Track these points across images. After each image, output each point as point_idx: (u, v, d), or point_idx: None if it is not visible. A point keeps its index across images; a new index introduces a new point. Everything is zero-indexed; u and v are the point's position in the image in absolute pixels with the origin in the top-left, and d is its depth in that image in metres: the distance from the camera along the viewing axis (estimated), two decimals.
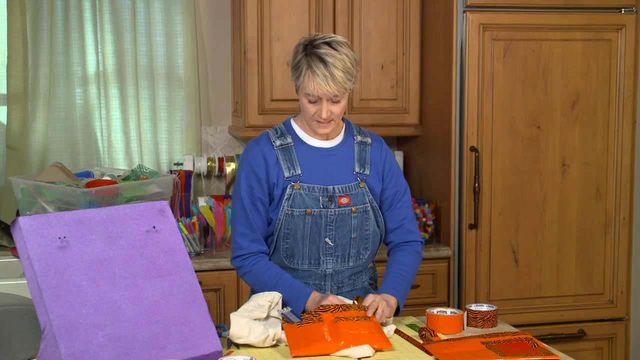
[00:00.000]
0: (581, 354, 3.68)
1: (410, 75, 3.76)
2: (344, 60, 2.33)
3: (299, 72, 2.36)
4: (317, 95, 2.34)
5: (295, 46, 2.42)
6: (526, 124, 3.55)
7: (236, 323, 2.20)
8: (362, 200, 2.48)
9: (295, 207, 2.43)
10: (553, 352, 2.19)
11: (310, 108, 2.38)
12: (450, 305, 3.61)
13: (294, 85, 2.42)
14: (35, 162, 3.73)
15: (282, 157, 2.45)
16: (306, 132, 2.49)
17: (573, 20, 3.55)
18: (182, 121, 3.90)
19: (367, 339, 2.18)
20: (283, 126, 2.52)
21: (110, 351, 1.86)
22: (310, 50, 2.34)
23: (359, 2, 3.68)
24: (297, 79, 2.38)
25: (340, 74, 2.31)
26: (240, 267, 2.49)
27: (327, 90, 2.32)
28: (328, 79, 2.30)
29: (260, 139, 2.51)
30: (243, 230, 2.47)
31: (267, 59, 3.60)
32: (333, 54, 2.32)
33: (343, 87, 2.34)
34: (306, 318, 2.28)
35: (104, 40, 3.79)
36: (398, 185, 2.57)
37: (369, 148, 2.53)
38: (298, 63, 2.36)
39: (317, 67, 2.31)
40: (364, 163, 2.51)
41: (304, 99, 2.38)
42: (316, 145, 2.48)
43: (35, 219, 1.92)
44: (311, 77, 2.32)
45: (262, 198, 2.46)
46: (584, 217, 3.65)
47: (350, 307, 2.32)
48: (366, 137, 2.55)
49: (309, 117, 2.41)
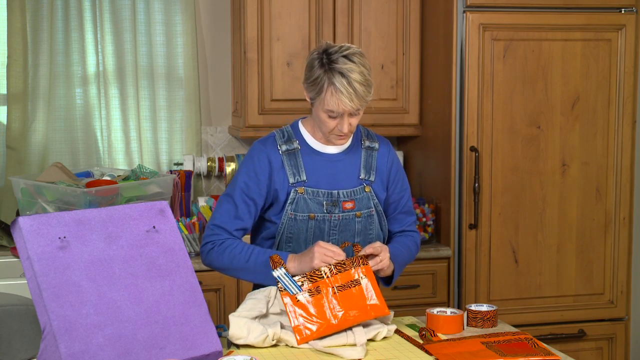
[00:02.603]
0: (581, 354, 3.68)
1: (410, 75, 3.76)
2: (363, 73, 2.28)
3: (319, 88, 2.29)
4: (339, 112, 2.29)
5: (309, 59, 2.34)
6: (526, 124, 3.55)
7: (235, 324, 2.20)
8: (366, 205, 2.45)
9: (298, 211, 2.39)
10: (553, 352, 2.19)
11: (331, 123, 2.33)
12: (450, 305, 3.61)
13: (310, 98, 2.36)
14: (35, 162, 3.73)
15: (288, 163, 2.41)
16: (315, 137, 2.44)
17: (573, 20, 3.55)
18: (182, 121, 3.90)
19: (366, 313, 2.24)
20: (290, 129, 2.47)
21: (110, 351, 1.86)
22: (328, 66, 2.27)
23: (359, 2, 3.68)
24: (317, 95, 2.30)
25: (362, 88, 2.27)
26: (209, 247, 2.38)
27: (351, 107, 2.28)
28: (352, 95, 2.25)
29: (266, 140, 2.45)
30: (225, 220, 2.39)
31: (267, 59, 3.60)
32: (352, 68, 2.26)
33: (364, 99, 2.29)
34: (304, 285, 2.24)
35: (104, 40, 3.79)
36: (403, 190, 2.56)
37: (376, 154, 2.50)
38: (317, 79, 2.29)
39: (340, 83, 2.25)
40: (370, 169, 2.48)
41: (324, 114, 2.32)
42: (323, 151, 2.45)
43: (35, 219, 1.92)
44: (334, 94, 2.26)
45: (255, 200, 2.40)
46: (584, 217, 3.65)
47: (345, 264, 2.27)
48: (374, 142, 2.51)
49: (328, 130, 2.36)
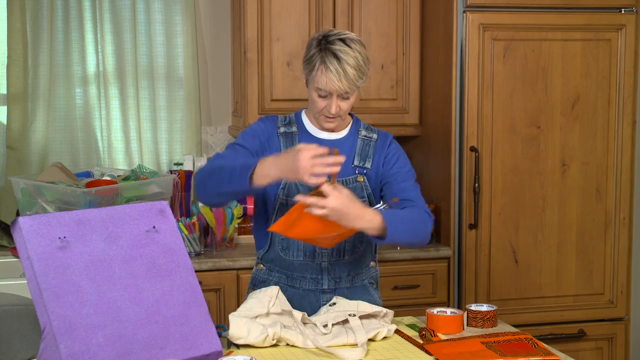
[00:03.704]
0: (581, 354, 3.68)
1: (410, 75, 3.76)
2: (356, 57, 2.34)
3: (312, 66, 2.36)
4: (328, 90, 2.35)
5: (309, 40, 2.42)
6: (526, 124, 3.55)
7: (235, 324, 2.20)
8: (359, 195, 2.46)
9: (290, 195, 2.43)
10: (553, 352, 2.19)
11: (320, 102, 2.39)
12: (450, 305, 3.61)
13: (305, 78, 2.43)
14: (35, 162, 3.73)
15: (284, 145, 2.47)
16: (313, 124, 2.51)
17: (573, 20, 3.55)
18: (182, 121, 3.90)
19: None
20: (293, 115, 2.55)
21: (110, 351, 1.86)
22: (324, 46, 2.35)
23: (359, 2, 3.68)
24: (310, 72, 2.38)
25: (353, 71, 2.32)
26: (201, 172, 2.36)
27: (339, 87, 2.33)
28: (341, 75, 2.31)
29: (267, 118, 2.54)
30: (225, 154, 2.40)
31: (267, 59, 3.60)
32: (347, 50, 2.33)
33: (354, 84, 2.35)
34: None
35: (104, 40, 3.79)
36: (400, 167, 2.50)
37: (373, 143, 2.53)
38: (311, 57, 2.37)
39: (331, 62, 2.32)
40: (366, 157, 2.50)
41: (314, 92, 2.39)
42: (319, 136, 2.49)
43: (35, 219, 1.92)
44: (324, 72, 2.33)
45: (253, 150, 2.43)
46: (584, 217, 3.65)
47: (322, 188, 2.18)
48: (372, 133, 2.55)
49: (318, 111, 2.42)
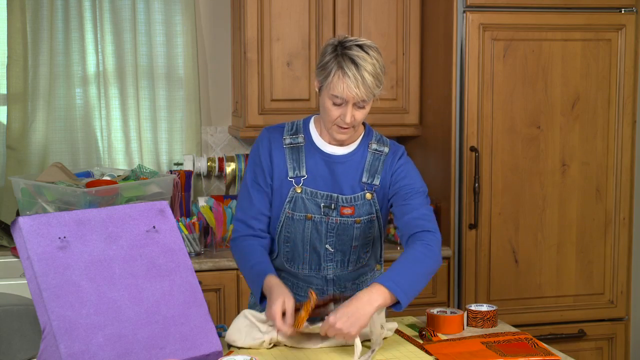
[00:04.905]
0: (581, 354, 3.67)
1: (410, 75, 3.76)
2: (374, 64, 2.24)
3: (327, 72, 2.25)
4: (344, 97, 2.24)
5: (324, 46, 2.32)
6: (526, 124, 3.55)
7: (234, 326, 2.21)
8: (368, 211, 2.40)
9: (296, 210, 2.38)
10: (553, 352, 2.19)
11: (334, 111, 2.28)
12: (450, 305, 3.61)
13: (317, 86, 2.33)
14: (35, 162, 3.73)
15: (290, 157, 2.39)
16: (321, 136, 2.41)
17: (573, 20, 3.55)
18: (182, 121, 3.90)
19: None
20: (301, 123, 2.44)
21: (110, 351, 1.86)
22: (340, 51, 2.24)
23: (359, 2, 3.68)
24: (325, 79, 2.26)
25: (371, 78, 2.23)
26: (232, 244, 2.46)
27: (356, 93, 2.23)
28: (359, 81, 2.22)
29: (274, 129, 2.44)
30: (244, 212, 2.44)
31: (267, 59, 3.60)
32: (364, 57, 2.23)
33: (372, 92, 2.25)
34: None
35: (104, 40, 3.79)
36: (410, 184, 2.40)
37: (384, 157, 2.42)
38: (326, 63, 2.25)
39: (349, 68, 2.22)
40: (375, 172, 2.40)
41: (329, 100, 2.27)
42: (327, 150, 2.40)
43: (35, 219, 1.92)
44: (341, 77, 2.22)
45: (266, 186, 2.41)
46: (584, 217, 3.65)
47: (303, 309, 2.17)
48: (383, 147, 2.43)
49: (331, 120, 2.30)
